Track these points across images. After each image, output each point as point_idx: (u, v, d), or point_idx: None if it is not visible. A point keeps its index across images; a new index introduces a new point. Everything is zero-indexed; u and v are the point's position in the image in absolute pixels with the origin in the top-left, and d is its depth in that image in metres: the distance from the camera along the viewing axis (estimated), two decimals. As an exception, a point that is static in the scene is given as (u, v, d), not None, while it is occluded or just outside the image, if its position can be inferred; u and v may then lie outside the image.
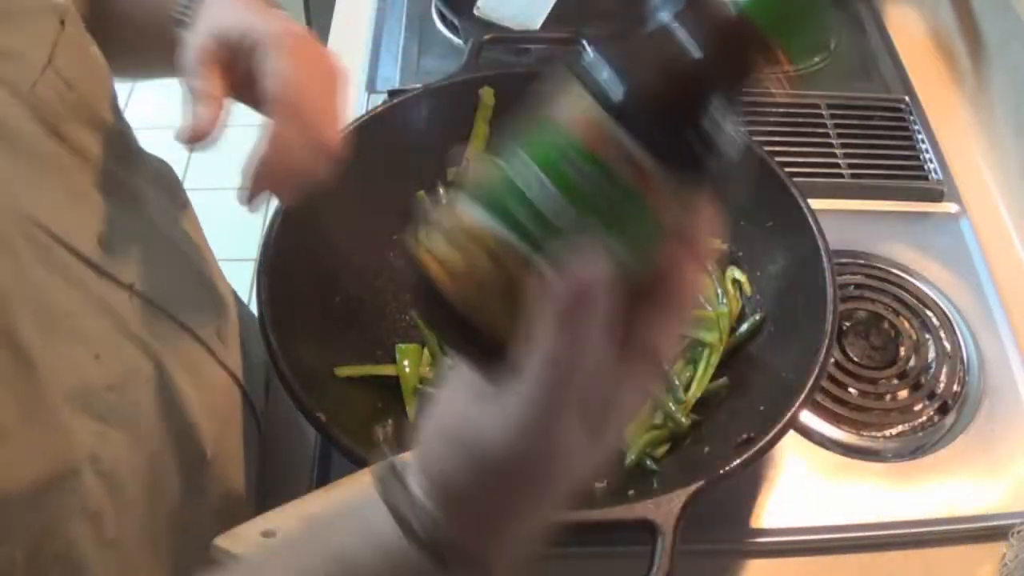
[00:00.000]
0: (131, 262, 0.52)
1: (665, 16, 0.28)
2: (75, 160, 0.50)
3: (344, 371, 0.68)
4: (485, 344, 0.31)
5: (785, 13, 0.28)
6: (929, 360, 0.77)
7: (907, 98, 0.99)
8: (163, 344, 0.54)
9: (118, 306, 0.50)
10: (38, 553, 0.43)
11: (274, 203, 0.64)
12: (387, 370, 0.71)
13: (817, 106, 0.98)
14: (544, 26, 1.02)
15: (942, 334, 0.79)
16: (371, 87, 0.98)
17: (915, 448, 0.72)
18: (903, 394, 0.75)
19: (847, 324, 0.79)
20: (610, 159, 0.28)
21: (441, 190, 0.79)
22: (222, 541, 0.47)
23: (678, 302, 0.32)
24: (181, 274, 0.61)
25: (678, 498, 0.52)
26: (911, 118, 0.97)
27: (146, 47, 0.62)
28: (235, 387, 0.63)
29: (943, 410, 0.75)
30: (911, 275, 0.83)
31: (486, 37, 0.87)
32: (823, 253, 0.66)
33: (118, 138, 0.55)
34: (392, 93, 0.93)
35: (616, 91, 0.28)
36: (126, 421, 0.48)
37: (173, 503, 0.54)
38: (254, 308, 0.61)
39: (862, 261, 0.84)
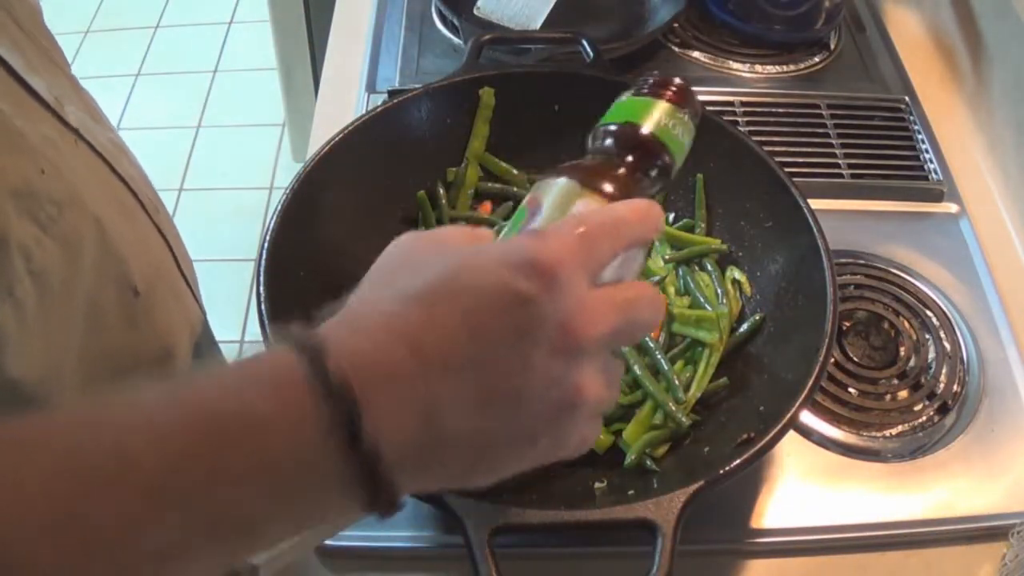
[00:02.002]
0: (78, 117, 0.57)
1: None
2: (32, 44, 0.56)
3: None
4: None
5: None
6: (929, 360, 0.77)
7: (907, 98, 0.99)
8: (101, 185, 0.58)
9: (65, 144, 0.54)
10: None
11: (274, 202, 0.64)
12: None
13: (817, 106, 0.98)
14: (544, 26, 1.02)
15: (942, 334, 0.79)
16: (371, 87, 0.98)
17: (915, 448, 0.72)
18: (903, 394, 0.75)
19: (847, 324, 0.79)
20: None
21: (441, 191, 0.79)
22: None
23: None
24: (117, 146, 0.64)
25: (678, 498, 0.52)
26: (911, 118, 0.97)
27: None
28: (167, 250, 0.66)
29: (943, 410, 0.75)
30: (911, 275, 0.83)
31: (486, 37, 0.86)
32: (823, 253, 0.66)
33: (56, 45, 0.62)
34: (392, 93, 0.93)
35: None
36: (63, 238, 0.50)
37: (109, 333, 0.56)
38: (254, 308, 0.61)
39: (862, 261, 0.84)
